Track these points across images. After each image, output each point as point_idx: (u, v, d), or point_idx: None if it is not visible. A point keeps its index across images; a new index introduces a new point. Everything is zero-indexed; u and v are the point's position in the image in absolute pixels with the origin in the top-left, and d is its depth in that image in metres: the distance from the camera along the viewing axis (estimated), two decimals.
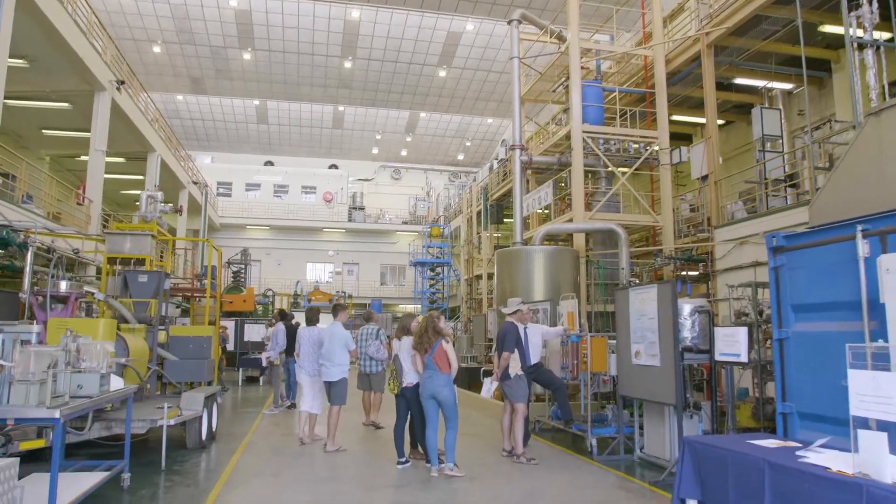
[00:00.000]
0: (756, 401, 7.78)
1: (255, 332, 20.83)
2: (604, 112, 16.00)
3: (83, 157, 17.75)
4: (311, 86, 36.62)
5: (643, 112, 16.68)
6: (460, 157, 45.88)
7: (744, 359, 6.11)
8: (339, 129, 42.23)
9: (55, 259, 8.85)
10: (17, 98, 17.52)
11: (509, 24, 16.56)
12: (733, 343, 6.26)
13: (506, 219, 26.34)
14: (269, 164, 44.38)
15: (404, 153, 45.48)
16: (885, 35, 10.13)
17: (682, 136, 19.59)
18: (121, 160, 22.64)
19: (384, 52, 33.03)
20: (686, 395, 7.13)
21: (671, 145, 15.79)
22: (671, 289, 6.98)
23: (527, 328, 8.52)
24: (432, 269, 34.52)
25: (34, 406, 4.42)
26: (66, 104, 17.99)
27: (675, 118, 17.39)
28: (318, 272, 42.11)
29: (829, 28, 13.81)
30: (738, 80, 16.50)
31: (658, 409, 7.63)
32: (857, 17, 9.25)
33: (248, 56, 33.10)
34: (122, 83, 17.16)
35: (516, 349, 7.86)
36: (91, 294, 9.10)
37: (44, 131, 20.69)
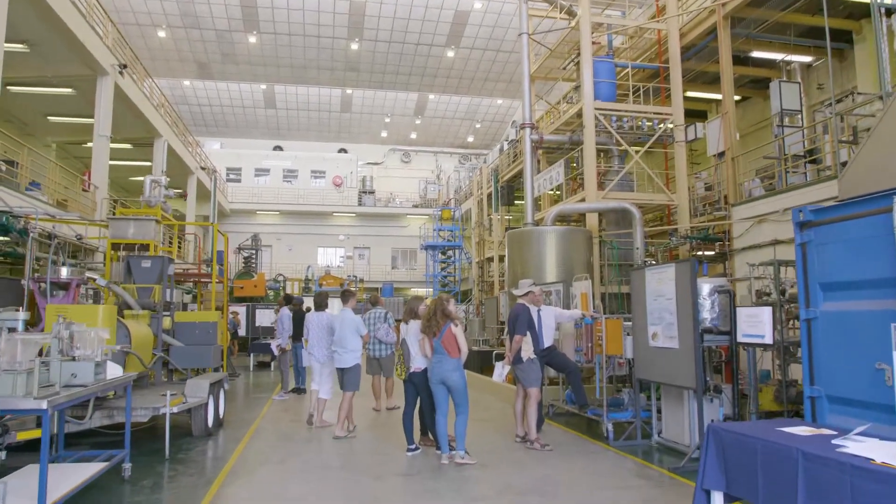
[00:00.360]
0: (779, 384, 7.49)
1: (266, 318, 20.78)
2: (616, 88, 15.58)
3: (89, 144, 17.57)
4: (318, 69, 36.20)
5: (657, 88, 16.24)
6: (470, 139, 45.40)
7: (768, 340, 5.82)
8: (347, 113, 41.86)
9: (54, 245, 8.66)
10: (19, 84, 17.36)
11: None
12: (757, 324, 5.97)
13: (517, 200, 25.97)
14: (277, 148, 44.15)
15: (413, 136, 45.06)
16: None
17: (695, 114, 19.07)
18: (128, 146, 22.49)
19: (391, 34, 32.52)
20: (706, 379, 6.84)
21: (685, 122, 15.37)
22: (690, 268, 6.68)
23: (540, 310, 8.28)
24: (443, 253, 34.30)
25: (21, 397, 4.21)
26: (70, 89, 17.79)
27: (688, 94, 16.92)
28: (329, 257, 41.98)
29: None
30: (755, 54, 16.00)
31: (676, 392, 7.36)
32: None
33: (253, 39, 32.71)
34: (125, 67, 16.90)
35: (529, 332, 7.61)
36: (93, 280, 8.91)
37: (49, 118, 20.54)
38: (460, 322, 7.17)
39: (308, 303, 13.67)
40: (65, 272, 8.40)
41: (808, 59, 15.88)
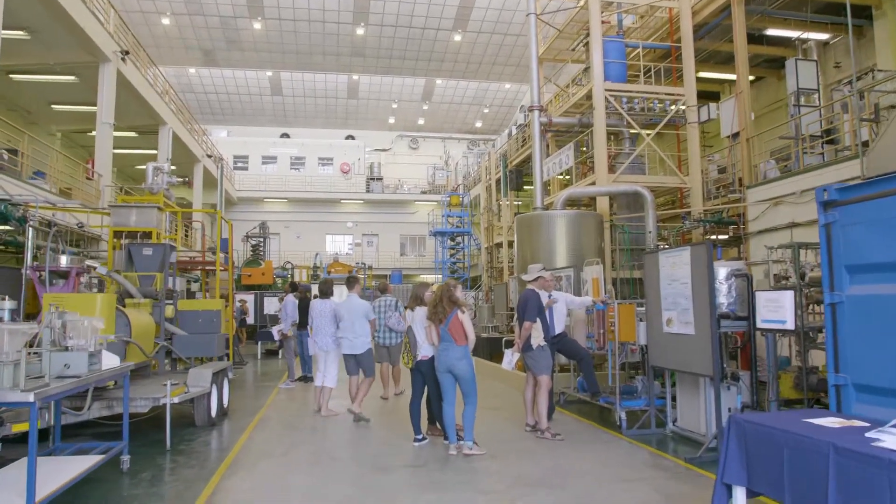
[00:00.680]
0: (799, 371, 7.23)
1: (273, 306, 20.66)
2: (627, 69, 15.22)
3: (94, 133, 17.42)
4: (324, 54, 35.86)
5: (668, 68, 15.85)
6: (478, 124, 44.99)
7: (790, 326, 5.56)
8: (354, 99, 41.53)
9: (52, 233, 8.49)
10: (21, 72, 17.20)
11: None
12: (778, 308, 5.70)
13: (526, 186, 25.66)
14: (285, 136, 43.93)
15: (421, 122, 44.70)
16: None
17: (707, 95, 18.64)
18: (133, 134, 22.34)
19: (397, 17, 32.12)
20: (723, 366, 6.59)
21: (697, 103, 15.00)
22: (706, 251, 6.40)
23: (550, 295, 8.04)
24: (452, 239, 34.06)
25: (7, 389, 4.03)
26: (72, 77, 17.61)
27: (700, 75, 16.53)
28: (338, 244, 41.84)
29: None
30: (770, 32, 15.57)
31: (692, 380, 7.12)
32: None
33: (258, 25, 32.39)
34: (127, 53, 16.68)
35: (539, 318, 7.37)
36: (93, 268, 8.74)
37: (53, 106, 20.40)
38: (468, 308, 6.94)
39: (315, 290, 13.56)
40: (64, 260, 8.23)
41: (824, 36, 15.44)
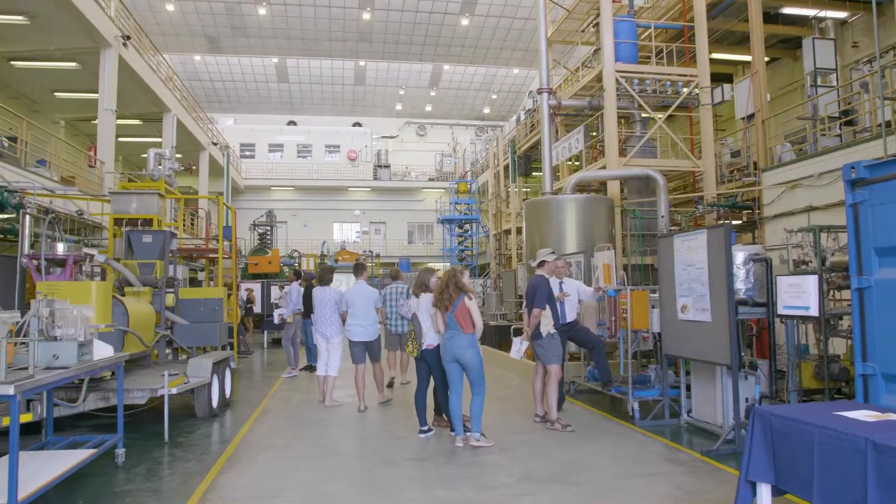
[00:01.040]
0: (820, 359, 6.93)
1: (277, 294, 20.47)
2: (638, 50, 14.80)
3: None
4: (330, 40, 35.45)
5: (681, 49, 15.42)
6: (486, 110, 44.52)
7: (813, 312, 5.27)
8: (361, 86, 41.14)
9: (48, 220, 8.28)
10: (22, 59, 16.98)
11: None
12: (800, 294, 5.41)
13: (535, 172, 25.30)
14: (291, 123, 43.63)
15: (429, 108, 44.27)
16: None
17: (720, 77, 18.19)
18: (137, 122, 22.13)
19: (403, 2, 31.63)
20: (741, 354, 6.32)
21: (711, 85, 14.60)
22: (725, 234, 6.10)
23: (562, 283, 7.78)
24: (460, 226, 33.75)
25: None
26: (74, 63, 17.38)
27: (714, 56, 16.08)
28: (345, 232, 41.65)
29: None
30: (786, 10, 15.14)
31: (707, 369, 6.85)
32: None
33: (263, 11, 32.02)
34: (129, 38, 16.42)
35: (548, 305, 7.11)
36: (91, 256, 8.55)
37: (56, 94, 20.20)
38: (475, 295, 6.68)
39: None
40: (60, 248, 8.02)
41: (842, 14, 14.98)
